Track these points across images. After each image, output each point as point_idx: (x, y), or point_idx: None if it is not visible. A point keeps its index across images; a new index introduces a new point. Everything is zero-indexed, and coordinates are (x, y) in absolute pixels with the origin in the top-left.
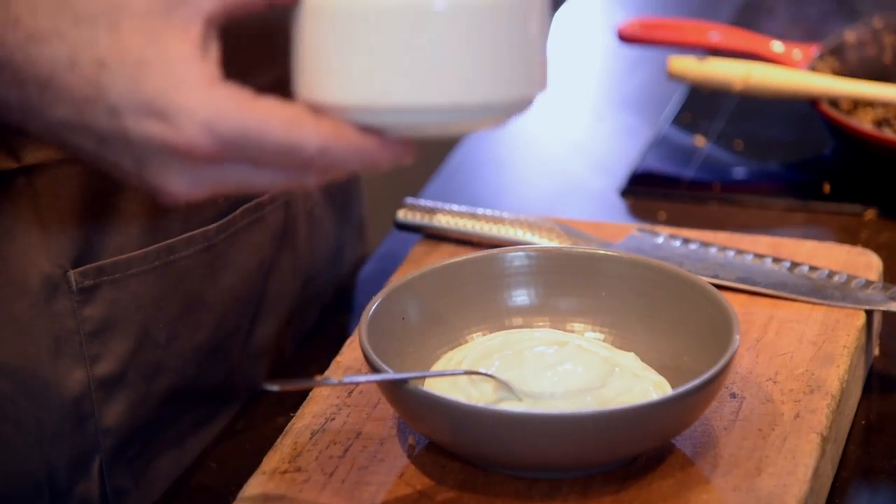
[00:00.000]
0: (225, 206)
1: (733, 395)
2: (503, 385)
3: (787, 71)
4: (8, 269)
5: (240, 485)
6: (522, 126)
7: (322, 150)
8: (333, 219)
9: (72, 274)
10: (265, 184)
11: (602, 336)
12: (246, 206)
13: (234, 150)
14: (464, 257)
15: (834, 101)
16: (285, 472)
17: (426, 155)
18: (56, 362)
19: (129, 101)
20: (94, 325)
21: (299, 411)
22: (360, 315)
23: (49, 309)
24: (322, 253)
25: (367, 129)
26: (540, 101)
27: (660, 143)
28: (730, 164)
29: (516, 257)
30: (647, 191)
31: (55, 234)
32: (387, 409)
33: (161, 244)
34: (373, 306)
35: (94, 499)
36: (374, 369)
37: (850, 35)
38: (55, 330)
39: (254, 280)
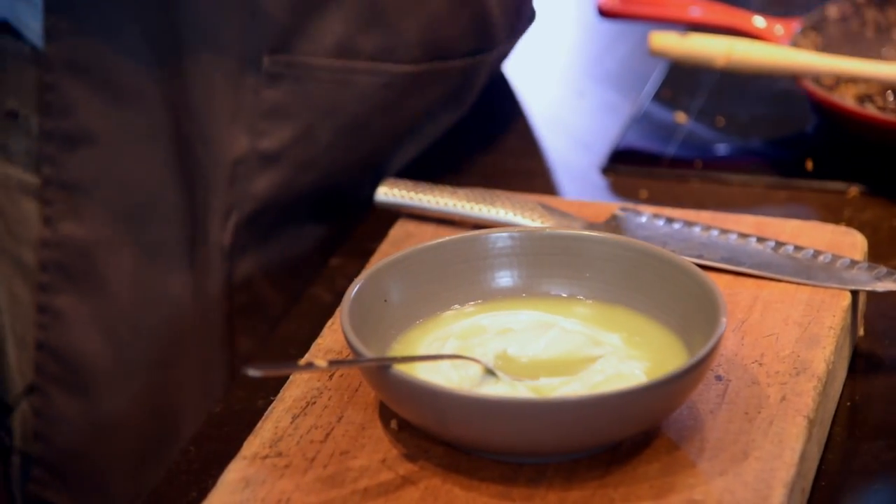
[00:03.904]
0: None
1: (719, 378)
2: (487, 369)
3: (770, 47)
4: (211, 45)
5: (220, 469)
6: (502, 102)
7: None
8: None
9: (266, 58)
10: None
11: (587, 318)
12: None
13: None
14: (446, 238)
15: (816, 77)
16: (266, 456)
17: None
18: (231, 127)
19: None
20: (269, 105)
21: (279, 395)
22: (338, 295)
23: (239, 81)
24: None
25: None
26: (520, 77)
27: (640, 120)
28: (711, 141)
29: (500, 238)
30: (628, 168)
31: (262, 19)
32: (368, 393)
33: (348, 62)
34: (354, 288)
35: (225, 248)
36: (356, 354)
37: (832, 10)
38: (237, 101)
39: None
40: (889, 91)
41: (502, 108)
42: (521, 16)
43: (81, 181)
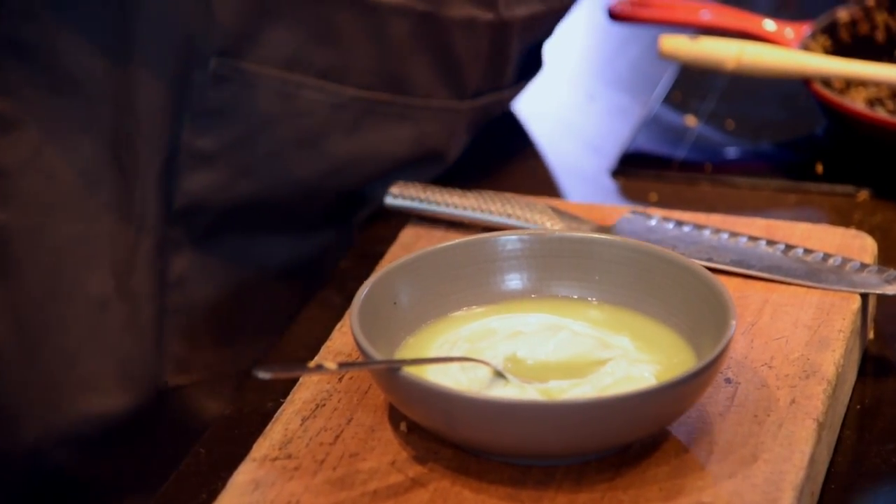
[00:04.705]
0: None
1: (728, 381)
2: (496, 372)
3: (780, 50)
4: (160, 41)
5: (229, 471)
6: (513, 106)
7: None
8: None
9: (213, 59)
10: None
11: (596, 320)
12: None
13: None
14: (456, 241)
15: (826, 81)
16: (275, 458)
17: None
18: (171, 122)
19: None
20: (212, 105)
21: (289, 397)
22: (349, 297)
23: (185, 79)
24: None
25: None
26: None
27: (651, 123)
28: (721, 144)
29: (509, 241)
30: (637, 171)
31: (212, 22)
32: (378, 395)
33: (296, 76)
34: (364, 291)
35: (157, 244)
36: (366, 356)
37: (843, 13)
38: (181, 97)
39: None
40: None
41: (511, 118)
42: (503, 72)
43: (8, 165)
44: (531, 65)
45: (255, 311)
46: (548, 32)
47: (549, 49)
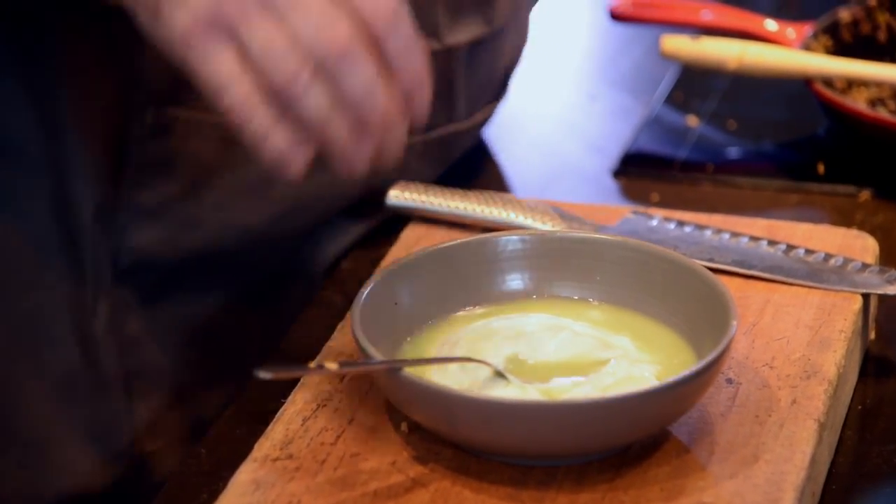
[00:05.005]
0: None
1: (729, 381)
2: (497, 372)
3: (782, 50)
4: (92, 99)
5: (230, 471)
6: (514, 106)
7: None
8: None
9: (150, 110)
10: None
11: (597, 321)
12: None
13: None
14: (457, 241)
15: (828, 81)
16: (276, 459)
17: None
18: (113, 179)
19: None
20: (152, 158)
21: (290, 397)
22: (350, 297)
23: (123, 133)
24: None
25: None
26: (532, 80)
27: (652, 124)
28: (723, 145)
29: (511, 241)
30: (639, 171)
31: (146, 73)
32: (379, 396)
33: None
34: (365, 291)
35: (110, 308)
36: (367, 357)
37: (844, 13)
38: (122, 153)
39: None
40: None
41: (512, 119)
42: (453, 102)
43: None
44: (493, 94)
45: (211, 367)
46: (507, 58)
47: (550, 50)
